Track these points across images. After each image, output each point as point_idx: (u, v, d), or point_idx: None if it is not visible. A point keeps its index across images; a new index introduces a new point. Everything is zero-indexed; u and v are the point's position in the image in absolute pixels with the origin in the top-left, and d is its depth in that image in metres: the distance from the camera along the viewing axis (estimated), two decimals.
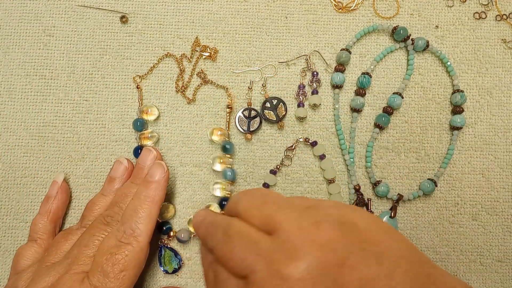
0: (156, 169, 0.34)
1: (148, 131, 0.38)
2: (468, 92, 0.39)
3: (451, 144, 0.39)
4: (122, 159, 0.37)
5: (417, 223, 0.38)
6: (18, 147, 0.39)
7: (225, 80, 0.39)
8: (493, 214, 0.38)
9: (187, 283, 0.37)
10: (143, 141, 0.38)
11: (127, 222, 0.32)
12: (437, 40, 0.40)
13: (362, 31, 0.39)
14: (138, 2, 0.40)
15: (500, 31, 0.40)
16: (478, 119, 0.39)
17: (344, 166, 0.39)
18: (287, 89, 0.39)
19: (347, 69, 0.40)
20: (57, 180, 0.37)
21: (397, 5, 0.40)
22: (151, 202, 0.33)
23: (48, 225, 0.35)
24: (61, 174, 0.37)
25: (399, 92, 0.39)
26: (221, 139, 0.38)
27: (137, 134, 0.38)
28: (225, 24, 0.40)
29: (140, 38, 0.40)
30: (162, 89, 0.39)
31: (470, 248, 0.38)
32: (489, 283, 0.38)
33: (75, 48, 0.39)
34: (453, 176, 0.39)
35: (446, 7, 0.40)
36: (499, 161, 0.39)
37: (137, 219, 0.32)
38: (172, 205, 0.38)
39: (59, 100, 0.39)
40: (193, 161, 0.39)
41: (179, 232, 0.37)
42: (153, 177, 0.34)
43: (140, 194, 0.33)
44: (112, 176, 0.36)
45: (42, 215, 0.36)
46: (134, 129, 0.38)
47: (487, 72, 0.40)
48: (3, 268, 0.38)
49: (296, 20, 0.40)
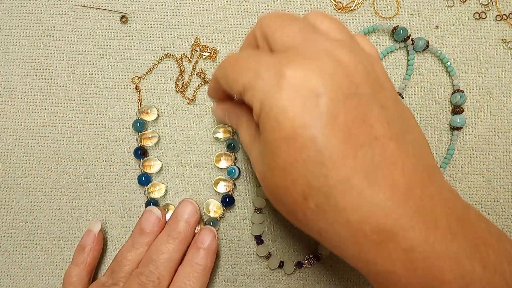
0: (209, 234, 0.33)
1: (149, 131, 0.38)
2: (468, 92, 0.39)
3: (451, 144, 0.39)
4: (153, 209, 0.35)
5: None
6: (18, 147, 0.39)
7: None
8: (493, 214, 0.38)
9: None
10: (143, 141, 0.38)
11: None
12: (437, 40, 0.40)
13: (362, 31, 0.39)
14: (138, 2, 0.40)
15: (500, 31, 0.40)
16: (478, 119, 0.39)
17: None
18: None
19: None
20: (93, 229, 0.36)
21: (397, 5, 0.40)
22: (204, 271, 0.32)
23: (85, 276, 0.34)
24: (97, 223, 0.36)
25: (399, 92, 0.39)
26: (225, 137, 0.38)
27: (137, 135, 0.38)
28: (225, 24, 0.40)
29: (140, 38, 0.40)
30: (162, 89, 0.39)
31: None
32: None
33: (75, 48, 0.39)
34: (453, 176, 0.39)
35: (446, 7, 0.40)
36: (499, 161, 0.39)
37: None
38: (173, 205, 0.38)
39: (59, 100, 0.39)
40: (193, 161, 0.39)
41: None
42: (207, 244, 0.33)
43: (191, 260, 0.32)
44: (143, 227, 0.34)
45: (77, 266, 0.34)
46: (134, 130, 0.38)
47: (487, 72, 0.40)
48: (3, 268, 0.38)
49: None
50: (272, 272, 0.38)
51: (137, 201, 0.38)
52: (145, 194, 0.38)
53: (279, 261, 0.37)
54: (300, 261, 0.37)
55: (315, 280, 0.38)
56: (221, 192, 0.38)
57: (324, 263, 0.38)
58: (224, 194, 0.38)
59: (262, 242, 0.38)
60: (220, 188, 0.38)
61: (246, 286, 0.38)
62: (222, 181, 0.38)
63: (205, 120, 0.39)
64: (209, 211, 0.38)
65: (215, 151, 0.39)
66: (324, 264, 0.38)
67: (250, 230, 0.38)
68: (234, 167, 0.38)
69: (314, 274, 0.38)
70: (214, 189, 0.38)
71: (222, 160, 0.38)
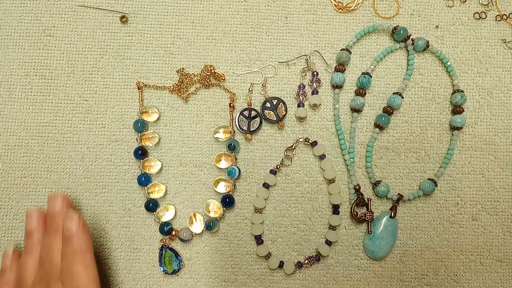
0: (69, 221, 0.33)
1: (149, 132, 0.38)
2: (468, 92, 0.39)
3: (451, 144, 0.39)
4: (30, 211, 0.36)
5: (417, 223, 0.38)
6: (18, 147, 0.39)
7: (225, 80, 0.39)
8: (493, 214, 0.38)
9: (187, 283, 0.37)
10: (144, 141, 0.38)
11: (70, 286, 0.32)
12: (437, 40, 0.40)
13: (362, 31, 0.39)
14: (138, 2, 0.40)
15: (500, 31, 0.40)
16: (478, 119, 0.39)
17: (344, 166, 0.39)
18: (287, 89, 0.39)
19: (347, 69, 0.40)
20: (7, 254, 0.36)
21: (397, 5, 0.40)
22: (80, 253, 0.33)
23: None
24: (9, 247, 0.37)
25: (399, 92, 0.39)
26: (226, 137, 0.38)
27: (138, 135, 0.38)
28: (225, 24, 0.40)
29: (140, 38, 0.40)
30: (162, 89, 0.39)
31: (470, 248, 0.38)
32: (489, 283, 0.38)
33: (75, 48, 0.39)
34: (453, 176, 0.39)
35: (446, 7, 0.40)
36: (499, 161, 0.39)
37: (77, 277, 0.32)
38: (172, 206, 0.38)
39: (59, 100, 0.39)
40: (193, 161, 0.39)
41: (180, 232, 0.37)
42: (70, 230, 0.33)
43: (66, 253, 0.33)
44: (28, 231, 0.35)
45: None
46: (135, 130, 0.38)
47: (487, 72, 0.40)
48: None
49: (296, 20, 0.40)
50: (272, 272, 0.38)
51: (137, 201, 0.38)
52: (144, 194, 0.38)
53: (279, 261, 0.37)
54: (300, 261, 0.37)
55: (315, 280, 0.38)
56: (221, 192, 0.38)
57: (324, 264, 0.38)
58: (224, 194, 0.38)
59: (262, 242, 0.38)
60: (220, 188, 0.38)
61: (246, 286, 0.38)
62: (222, 181, 0.38)
63: (205, 120, 0.39)
64: (209, 211, 0.38)
65: (215, 151, 0.39)
66: (324, 265, 0.38)
67: (250, 230, 0.38)
68: (234, 167, 0.38)
69: (314, 274, 0.38)
70: (214, 189, 0.38)
71: (222, 160, 0.38)
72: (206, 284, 0.37)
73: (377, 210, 0.38)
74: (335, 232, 0.38)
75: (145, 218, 0.38)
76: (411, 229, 0.38)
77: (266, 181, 0.38)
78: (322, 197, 0.38)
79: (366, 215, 0.38)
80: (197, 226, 0.37)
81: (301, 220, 0.38)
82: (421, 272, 0.38)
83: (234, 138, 0.38)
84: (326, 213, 0.38)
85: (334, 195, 0.38)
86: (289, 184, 0.39)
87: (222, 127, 0.38)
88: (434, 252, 0.38)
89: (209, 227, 0.37)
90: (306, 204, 0.38)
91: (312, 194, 0.38)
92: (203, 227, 0.37)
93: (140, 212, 0.38)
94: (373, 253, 0.37)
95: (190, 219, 0.38)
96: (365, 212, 0.38)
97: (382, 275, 0.38)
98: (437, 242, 0.38)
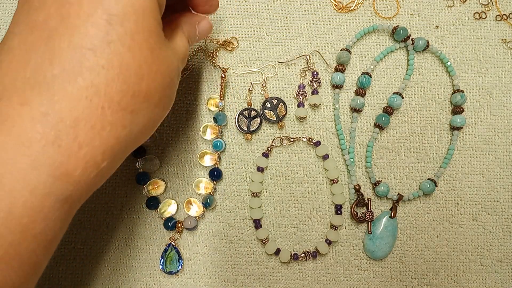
0: None
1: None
2: (468, 92, 0.39)
3: (451, 144, 0.39)
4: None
5: (417, 223, 0.38)
6: None
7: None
8: (493, 214, 0.38)
9: (187, 283, 0.37)
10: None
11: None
12: (437, 40, 0.40)
13: (362, 31, 0.39)
14: None
15: (500, 31, 0.40)
16: (478, 119, 0.39)
17: (344, 166, 0.39)
18: (287, 89, 0.39)
19: (347, 69, 0.40)
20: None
21: (397, 5, 0.40)
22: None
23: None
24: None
25: (399, 92, 0.39)
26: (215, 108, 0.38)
27: None
28: (226, 24, 0.40)
29: None
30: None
31: (470, 248, 0.38)
32: (489, 283, 0.38)
33: None
34: (453, 176, 0.39)
35: (446, 7, 0.40)
36: (499, 161, 0.39)
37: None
38: (173, 201, 0.38)
39: None
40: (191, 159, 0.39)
41: (185, 222, 0.37)
42: None
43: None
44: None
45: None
46: None
47: (487, 72, 0.40)
48: None
49: (296, 20, 0.40)
50: (272, 272, 0.38)
51: (137, 200, 0.38)
52: (144, 192, 0.38)
53: (276, 248, 0.37)
54: (297, 253, 0.37)
55: (315, 281, 0.38)
56: (207, 166, 0.38)
57: (324, 264, 0.38)
58: (210, 167, 0.38)
59: (260, 226, 0.38)
60: (206, 161, 0.38)
61: (246, 286, 0.38)
62: (208, 154, 0.38)
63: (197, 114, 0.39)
64: (199, 189, 0.38)
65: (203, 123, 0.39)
66: (324, 265, 0.38)
67: (250, 230, 0.38)
68: (220, 140, 0.38)
69: (314, 274, 0.38)
70: (200, 163, 0.38)
71: (208, 131, 0.38)
72: (206, 284, 0.37)
73: (377, 210, 0.38)
74: (336, 232, 0.38)
75: (145, 217, 0.38)
76: (411, 229, 0.38)
77: (259, 164, 0.38)
78: (322, 197, 0.38)
79: (366, 215, 0.38)
80: (195, 209, 0.37)
81: (301, 220, 0.38)
82: (421, 272, 0.38)
83: (223, 111, 0.38)
84: (326, 213, 0.38)
85: (337, 195, 0.38)
86: (289, 184, 0.39)
87: (213, 99, 0.38)
88: (434, 252, 0.38)
89: (207, 204, 0.37)
90: (306, 204, 0.38)
91: (312, 194, 0.38)
92: (202, 208, 0.37)
93: (140, 211, 0.38)
94: (373, 253, 0.37)
95: (187, 206, 0.38)
96: (365, 212, 0.38)
97: (382, 275, 0.38)
98: (437, 242, 0.38)
